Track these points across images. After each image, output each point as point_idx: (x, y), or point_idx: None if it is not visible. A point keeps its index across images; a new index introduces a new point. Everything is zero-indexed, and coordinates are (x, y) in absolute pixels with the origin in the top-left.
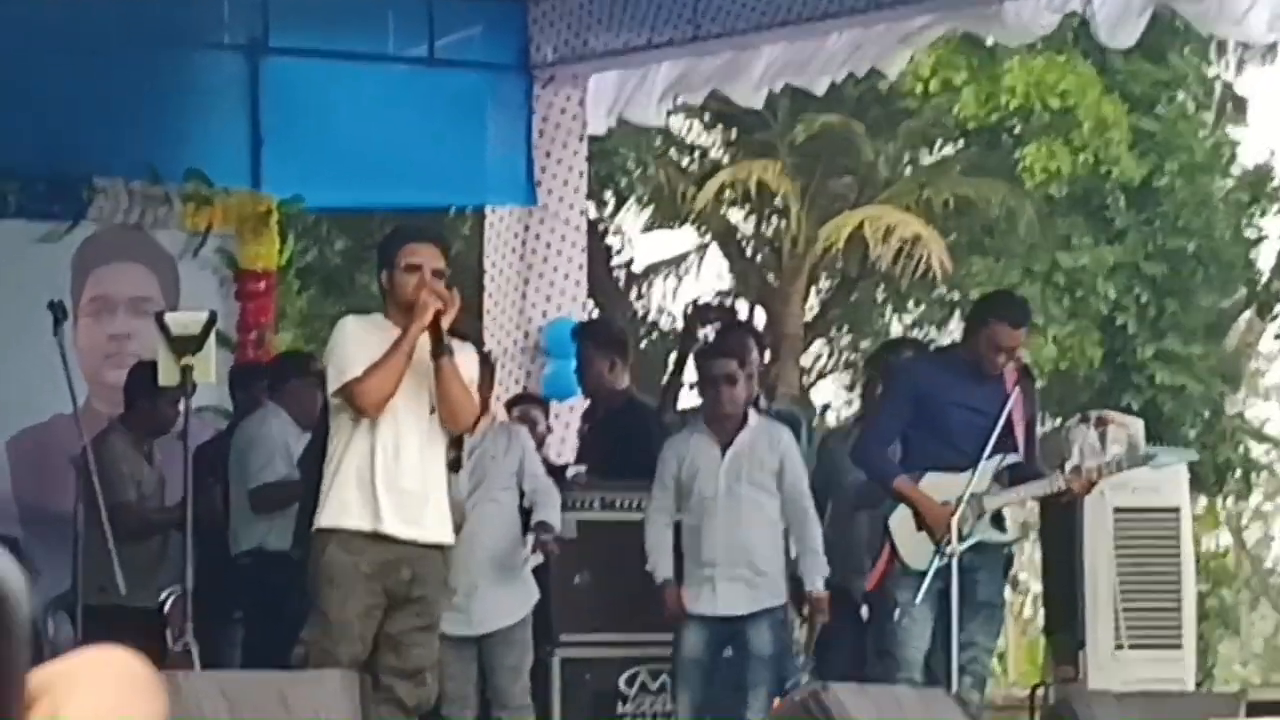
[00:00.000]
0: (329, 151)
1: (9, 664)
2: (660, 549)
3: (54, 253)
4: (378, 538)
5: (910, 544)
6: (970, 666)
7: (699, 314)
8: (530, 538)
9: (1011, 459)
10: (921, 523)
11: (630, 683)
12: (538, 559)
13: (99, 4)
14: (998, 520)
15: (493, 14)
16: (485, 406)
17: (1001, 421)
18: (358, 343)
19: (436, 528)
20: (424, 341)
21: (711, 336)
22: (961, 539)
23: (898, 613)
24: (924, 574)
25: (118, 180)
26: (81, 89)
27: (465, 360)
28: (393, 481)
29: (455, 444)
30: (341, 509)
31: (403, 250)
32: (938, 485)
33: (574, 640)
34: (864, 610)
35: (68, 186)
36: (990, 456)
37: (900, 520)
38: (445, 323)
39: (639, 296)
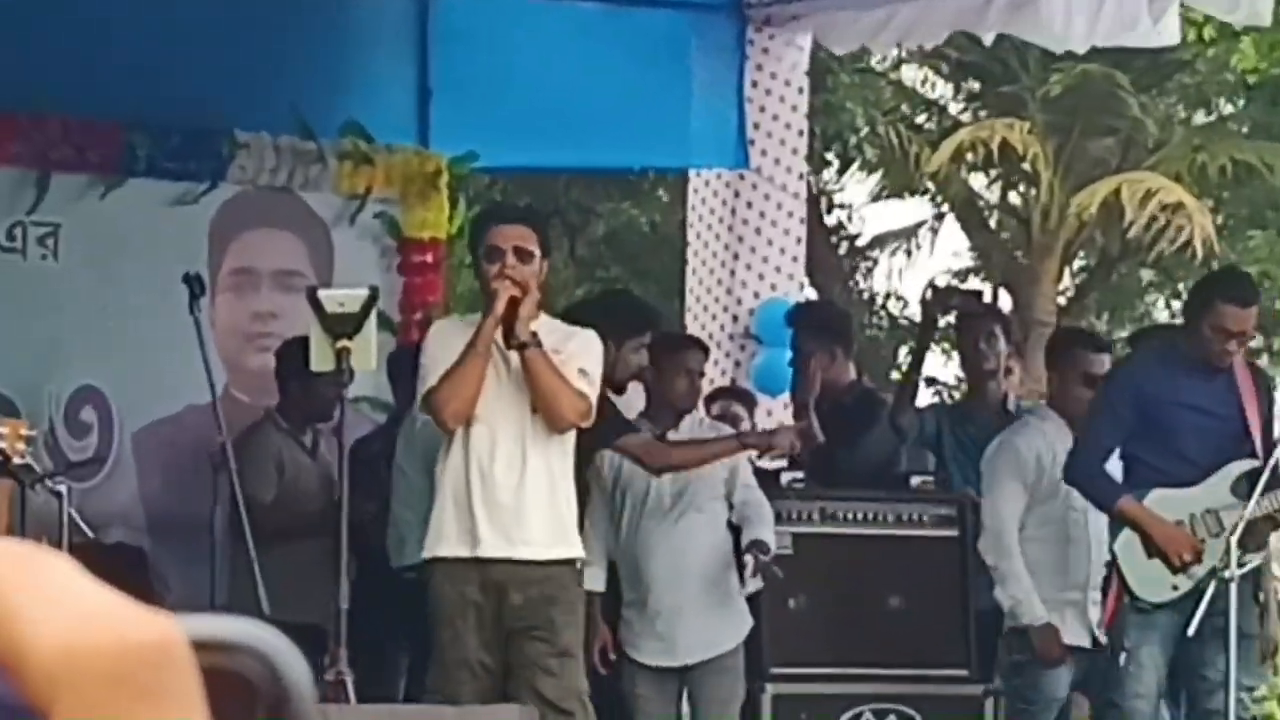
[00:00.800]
0: (507, 104)
1: None
2: (1022, 576)
3: (189, 217)
4: (479, 562)
5: (1140, 573)
6: (1238, 713)
7: (938, 299)
8: (748, 559)
9: (1249, 465)
10: (1153, 548)
11: None
12: (757, 583)
13: None
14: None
15: None
16: (694, 400)
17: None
18: (440, 346)
19: (544, 543)
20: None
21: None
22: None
23: (1124, 657)
24: (1158, 608)
25: (263, 135)
26: (223, 29)
27: (579, 348)
28: (489, 497)
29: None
30: (438, 535)
31: (486, 234)
32: (1167, 502)
33: (788, 674)
34: None
35: (206, 141)
36: (1227, 465)
37: (1126, 546)
38: (525, 310)
39: (864, 275)
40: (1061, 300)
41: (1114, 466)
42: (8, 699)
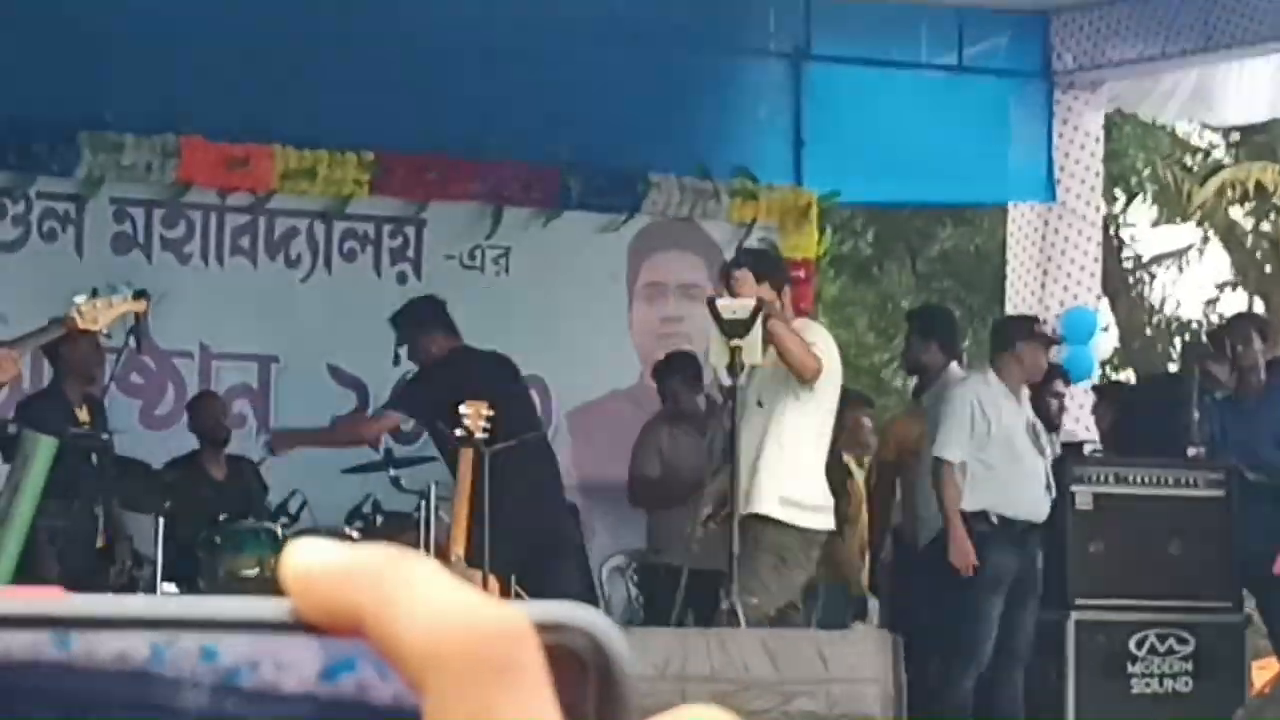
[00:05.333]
0: (864, 151)
1: None
2: None
3: (612, 241)
4: None
5: None
6: None
7: (1193, 354)
8: None
9: None
10: None
11: (1140, 645)
12: None
13: (660, 8)
14: None
15: (1017, 25)
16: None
17: None
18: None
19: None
20: None
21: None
22: None
23: None
24: None
25: (670, 176)
26: (641, 88)
27: (812, 336)
28: None
29: None
30: None
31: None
32: None
33: (1088, 604)
34: None
35: (625, 181)
36: None
37: None
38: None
39: (1145, 287)
40: None
41: None
42: (388, 689)
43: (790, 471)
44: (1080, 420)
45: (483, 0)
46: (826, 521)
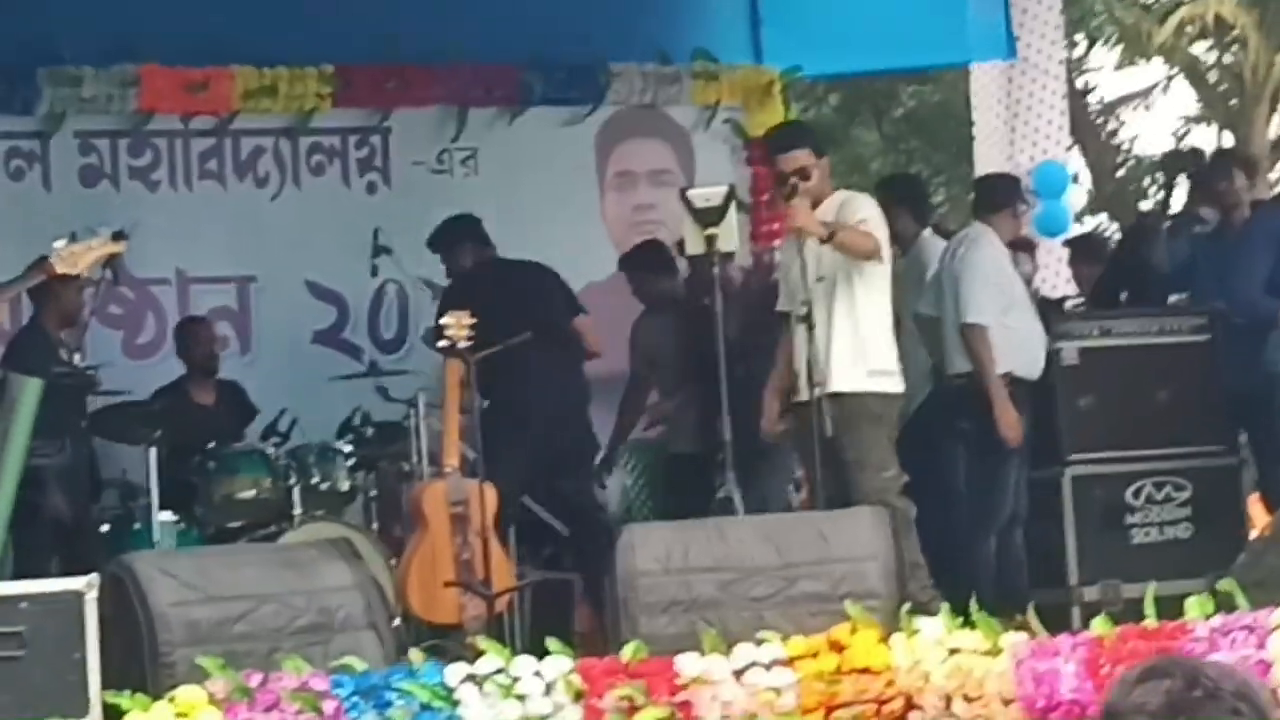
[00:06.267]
0: (823, 22)
1: None
2: None
3: (578, 134)
4: None
5: None
6: None
7: (1173, 163)
8: None
9: None
10: None
11: (1137, 495)
12: None
13: None
14: None
15: None
16: None
17: None
18: None
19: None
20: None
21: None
22: None
23: None
24: None
25: (631, 64)
26: None
27: (857, 207)
28: None
29: None
30: None
31: (775, 161)
32: None
33: (1082, 459)
34: None
35: (586, 73)
36: None
37: None
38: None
39: (1113, 129)
40: (1271, 136)
41: None
42: None
43: (869, 341)
44: (1061, 274)
45: None
46: (901, 385)
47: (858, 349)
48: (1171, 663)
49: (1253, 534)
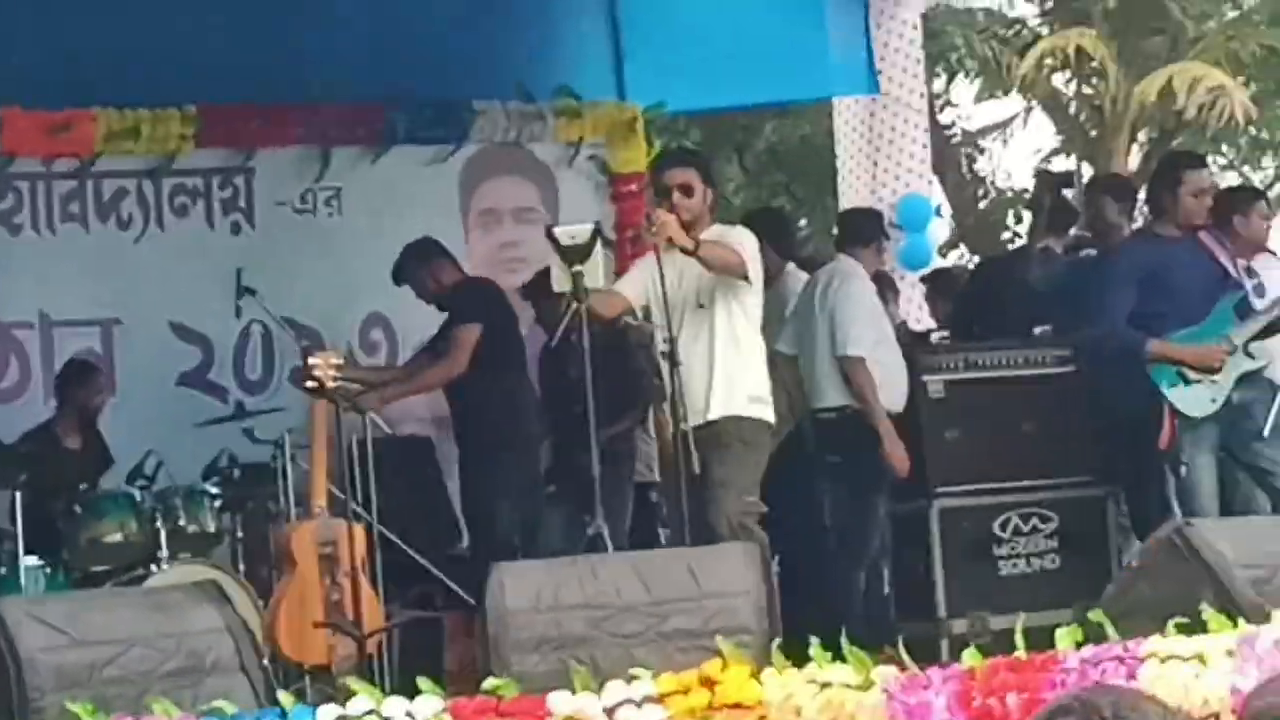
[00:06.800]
0: (685, 58)
1: None
2: None
3: (442, 172)
4: None
5: (1183, 397)
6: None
7: (1043, 184)
8: None
9: (1239, 293)
10: (1189, 370)
11: (1004, 527)
12: None
13: None
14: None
15: None
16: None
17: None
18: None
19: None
20: None
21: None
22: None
23: (1183, 470)
24: (1205, 420)
25: (495, 102)
26: (456, 16)
27: (734, 238)
28: None
29: None
30: None
31: (659, 175)
32: (1183, 340)
33: (949, 491)
34: None
35: (450, 111)
36: (1220, 300)
37: (1166, 378)
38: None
39: (974, 160)
40: (1132, 167)
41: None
42: None
43: (748, 368)
44: (921, 309)
45: None
46: (773, 416)
47: (736, 374)
48: (1074, 698)
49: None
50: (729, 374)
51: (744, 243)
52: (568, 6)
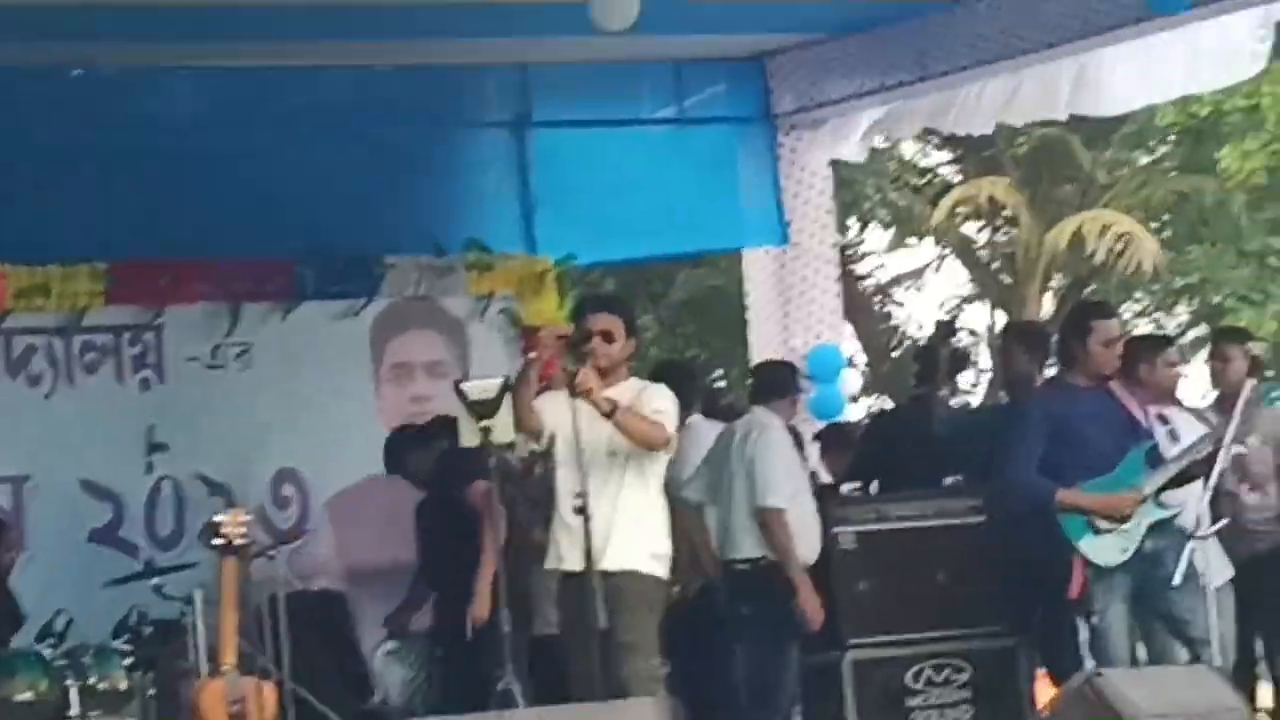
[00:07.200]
0: (596, 211)
1: None
2: None
3: (353, 327)
4: None
5: (1094, 546)
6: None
7: (939, 334)
8: None
9: (1148, 443)
10: (1098, 520)
11: (917, 678)
12: None
13: (375, 92)
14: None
15: (735, 72)
16: None
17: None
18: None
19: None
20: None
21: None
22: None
23: (1095, 618)
24: (1114, 570)
25: (405, 257)
26: (366, 172)
27: (650, 396)
28: None
29: None
30: None
31: (580, 320)
32: (1093, 489)
33: (862, 643)
34: None
35: (360, 266)
36: (1130, 450)
37: (1077, 529)
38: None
39: (887, 308)
40: (1045, 313)
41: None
42: None
43: (653, 524)
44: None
45: (198, 103)
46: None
47: (642, 529)
48: None
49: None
50: (634, 528)
51: (665, 410)
52: (478, 161)
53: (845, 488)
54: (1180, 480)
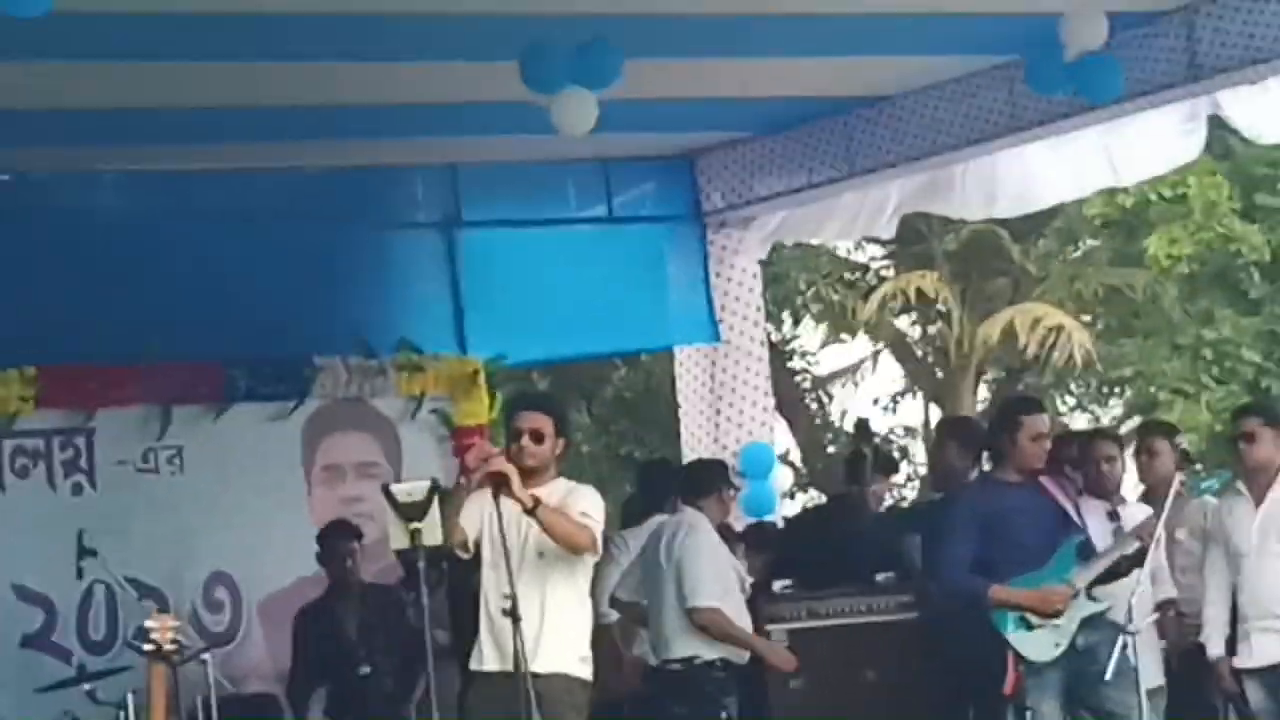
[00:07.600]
0: (526, 310)
1: None
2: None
3: (285, 429)
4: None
5: (1027, 642)
6: None
7: (859, 434)
8: None
9: (1079, 538)
10: (1031, 616)
11: None
12: None
13: (304, 193)
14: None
15: (663, 170)
16: None
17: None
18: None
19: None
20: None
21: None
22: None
23: (1029, 715)
24: (1048, 666)
25: (335, 358)
26: (295, 274)
27: (579, 499)
28: None
29: None
30: None
31: (511, 418)
32: (1025, 585)
33: None
34: None
35: (291, 368)
36: (1061, 545)
37: (1009, 625)
38: (517, 487)
39: (822, 405)
40: (980, 407)
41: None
42: None
43: (579, 626)
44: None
45: (127, 206)
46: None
47: (570, 632)
48: None
49: None
50: (562, 630)
51: (593, 513)
52: (408, 261)
53: (777, 585)
54: (1111, 575)
